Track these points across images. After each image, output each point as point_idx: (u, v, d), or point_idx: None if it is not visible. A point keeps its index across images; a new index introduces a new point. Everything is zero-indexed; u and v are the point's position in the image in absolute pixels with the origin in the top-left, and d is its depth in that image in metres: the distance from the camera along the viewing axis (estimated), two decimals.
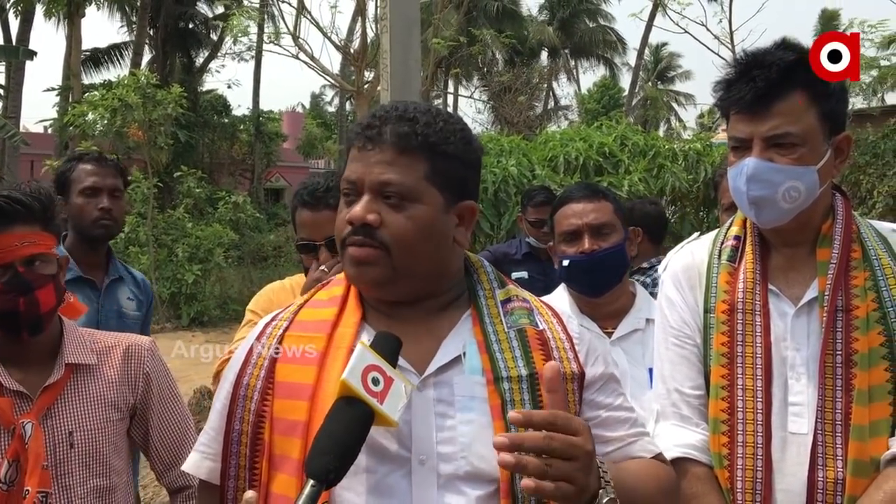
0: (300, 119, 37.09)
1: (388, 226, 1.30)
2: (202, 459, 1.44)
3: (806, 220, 1.72)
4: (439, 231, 1.34)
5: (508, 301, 1.41)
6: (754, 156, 1.67)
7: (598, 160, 8.29)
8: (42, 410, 1.88)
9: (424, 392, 1.30)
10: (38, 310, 1.87)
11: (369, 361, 1.19)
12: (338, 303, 1.41)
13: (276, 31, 19.58)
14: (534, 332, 1.37)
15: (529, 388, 1.30)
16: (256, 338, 1.43)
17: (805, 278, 1.73)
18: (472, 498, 1.25)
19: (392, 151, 1.31)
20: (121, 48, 26.62)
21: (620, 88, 38.05)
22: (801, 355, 1.69)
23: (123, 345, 2.06)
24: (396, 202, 1.30)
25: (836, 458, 1.64)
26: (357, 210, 1.30)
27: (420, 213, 1.31)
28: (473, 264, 1.46)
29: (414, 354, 1.31)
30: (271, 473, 1.31)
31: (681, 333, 1.83)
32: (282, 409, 1.32)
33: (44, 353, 1.94)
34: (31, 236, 1.86)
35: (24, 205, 1.86)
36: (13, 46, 19.64)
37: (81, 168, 2.98)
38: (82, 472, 1.91)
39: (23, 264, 1.84)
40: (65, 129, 17.83)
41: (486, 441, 1.25)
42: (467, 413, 1.29)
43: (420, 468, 1.26)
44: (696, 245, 1.91)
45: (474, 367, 1.31)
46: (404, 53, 5.84)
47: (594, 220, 2.35)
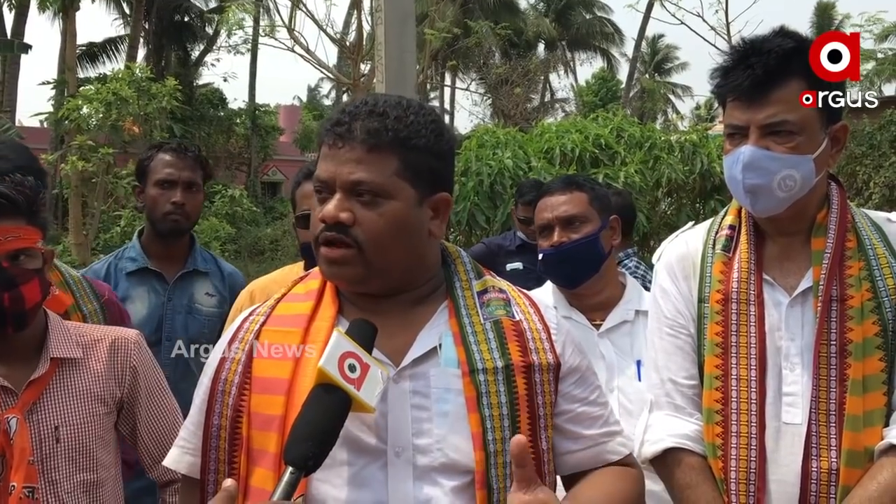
0: (297, 112, 37.01)
1: (362, 224, 1.29)
2: (182, 454, 1.44)
3: (801, 209, 1.71)
4: (413, 226, 1.33)
5: (485, 292, 1.41)
6: (751, 144, 1.66)
7: (595, 152, 8.28)
8: (27, 405, 1.86)
9: (400, 384, 1.30)
10: (23, 305, 1.84)
11: (345, 348, 1.20)
12: (314, 296, 1.40)
13: (271, 23, 19.57)
14: (510, 323, 1.36)
15: (505, 379, 1.31)
16: (234, 332, 1.42)
17: (800, 268, 1.72)
18: (448, 489, 1.26)
19: (362, 149, 1.29)
20: (116, 42, 26.52)
21: (618, 80, 38.00)
22: (795, 345, 1.69)
23: (109, 338, 2.04)
24: (369, 200, 1.29)
25: (830, 448, 1.63)
26: (329, 209, 1.30)
27: (393, 209, 1.30)
28: (451, 255, 1.45)
29: (390, 347, 1.31)
30: (249, 468, 1.31)
31: (675, 323, 1.82)
32: (258, 403, 1.32)
33: (28, 347, 1.92)
34: (16, 230, 1.82)
35: (8, 198, 1.82)
36: (8, 40, 19.56)
37: (159, 158, 2.90)
38: (69, 467, 1.89)
39: (7, 259, 1.81)
40: (60, 124, 17.78)
41: (462, 433, 1.27)
42: (443, 405, 1.29)
43: (396, 460, 1.27)
44: (690, 234, 1.90)
45: (450, 359, 1.31)
46: (399, 46, 5.83)
47: (563, 213, 2.34)
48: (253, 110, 25.54)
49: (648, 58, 40.72)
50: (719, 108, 1.82)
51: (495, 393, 1.29)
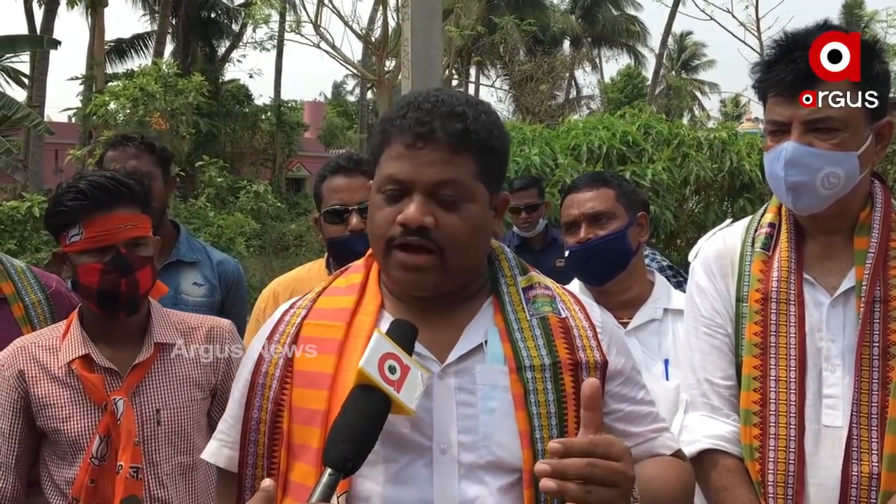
0: (322, 108, 37.19)
1: (443, 228, 1.26)
2: (220, 447, 1.43)
3: (844, 207, 1.67)
4: (487, 228, 1.33)
5: (531, 288, 1.39)
6: (793, 140, 1.62)
7: (622, 149, 8.20)
8: (132, 388, 1.94)
9: (445, 380, 1.28)
10: (137, 290, 1.93)
11: (386, 349, 1.18)
12: (356, 290, 1.39)
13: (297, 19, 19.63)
14: (556, 320, 1.34)
15: (552, 377, 1.28)
16: (274, 325, 1.41)
17: (842, 267, 1.69)
18: (494, 488, 1.24)
19: (447, 150, 1.26)
20: (144, 38, 26.79)
21: (644, 77, 37.76)
22: (836, 346, 1.65)
23: (206, 326, 2.11)
24: (451, 203, 1.27)
25: (871, 452, 1.60)
26: (413, 212, 1.25)
27: (472, 212, 1.28)
28: (494, 251, 1.44)
29: (435, 343, 1.30)
30: (290, 462, 1.29)
31: (712, 322, 1.79)
32: (301, 397, 1.30)
33: (133, 332, 2.00)
34: (133, 219, 1.92)
35: (128, 187, 1.93)
36: (37, 36, 19.80)
37: (107, 156, 2.89)
38: (168, 449, 1.97)
39: (125, 246, 1.90)
40: (88, 119, 17.96)
41: (508, 430, 1.25)
42: (489, 402, 1.27)
43: (441, 457, 1.25)
44: (728, 232, 1.87)
45: (496, 355, 1.29)
46: (426, 42, 5.82)
47: (590, 209, 2.31)
48: (278, 106, 25.65)
49: (675, 55, 40.43)
50: (745, 105, 1.77)
51: (542, 391, 1.27)
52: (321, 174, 2.52)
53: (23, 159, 19.98)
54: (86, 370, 1.92)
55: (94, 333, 1.98)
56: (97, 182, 1.89)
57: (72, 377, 1.93)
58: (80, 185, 1.89)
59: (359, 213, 2.37)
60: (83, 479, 1.87)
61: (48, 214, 1.95)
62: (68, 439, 1.91)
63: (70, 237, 1.90)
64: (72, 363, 1.93)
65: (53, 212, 1.93)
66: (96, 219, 1.88)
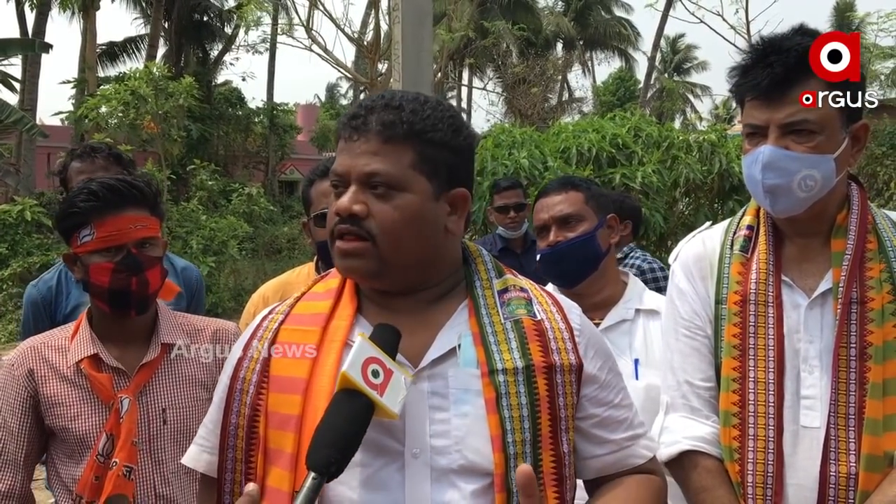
0: (315, 111, 37.11)
1: (375, 216, 1.28)
2: (200, 452, 1.44)
3: (821, 209, 1.69)
4: (428, 220, 1.32)
5: (506, 291, 1.39)
6: (770, 143, 1.63)
7: (612, 152, 8.22)
8: (139, 387, 1.98)
9: (419, 385, 1.28)
10: (147, 290, 1.98)
11: (369, 354, 1.19)
12: (333, 295, 1.39)
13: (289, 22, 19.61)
14: (531, 323, 1.34)
15: (525, 380, 1.28)
16: (253, 331, 1.42)
17: (819, 269, 1.70)
18: (466, 492, 1.24)
19: (377, 141, 1.28)
20: (136, 41, 26.71)
21: (636, 80, 37.84)
22: (814, 348, 1.66)
23: (211, 328, 2.15)
24: (383, 192, 1.28)
25: (849, 452, 1.61)
26: (343, 201, 1.29)
27: (407, 202, 1.28)
28: (472, 253, 1.44)
29: (409, 347, 1.30)
30: (266, 467, 1.29)
31: (691, 324, 1.80)
32: (276, 402, 1.31)
33: (141, 332, 2.05)
34: (143, 220, 1.97)
35: (140, 190, 1.97)
36: (29, 39, 19.71)
37: (72, 167, 2.93)
38: (173, 448, 2.00)
39: (135, 246, 1.95)
40: (80, 122, 17.91)
41: (481, 434, 1.25)
42: (462, 406, 1.27)
43: (413, 461, 1.25)
44: (707, 234, 1.88)
45: (469, 359, 1.30)
46: (416, 45, 5.82)
47: (559, 212, 2.33)
48: (271, 109, 25.61)
49: (668, 58, 40.53)
50: (736, 108, 1.80)
51: (515, 394, 1.27)
52: (309, 178, 2.52)
53: (14, 163, 19.90)
54: (94, 369, 1.96)
55: (103, 334, 2.02)
56: (108, 184, 1.95)
57: (80, 376, 1.97)
58: (91, 187, 1.94)
59: None
60: (89, 476, 1.91)
61: (60, 216, 1.99)
62: (76, 437, 1.95)
63: (82, 238, 1.95)
64: (80, 362, 1.97)
65: (66, 213, 1.97)
66: (107, 219, 1.93)
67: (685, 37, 41.93)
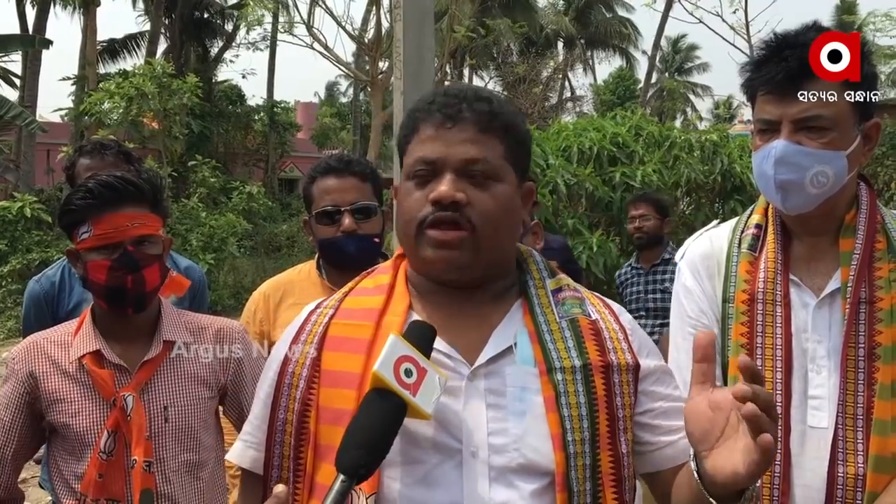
0: (314, 109, 37.11)
1: (476, 205, 1.26)
2: (245, 448, 1.42)
3: (831, 208, 1.68)
4: (517, 211, 1.33)
5: (559, 290, 1.37)
6: (783, 138, 1.62)
7: (612, 150, 8.21)
8: (140, 384, 1.97)
9: (475, 383, 1.26)
10: (144, 288, 1.96)
11: (402, 352, 1.16)
12: (385, 291, 1.38)
13: (290, 20, 19.60)
14: (587, 322, 1.33)
15: (583, 378, 1.26)
16: (301, 326, 1.40)
17: (827, 269, 1.69)
18: (526, 492, 1.21)
19: (475, 129, 1.28)
20: (137, 38, 26.71)
21: (636, 79, 37.83)
22: (822, 347, 1.65)
23: (215, 326, 2.14)
24: (481, 180, 1.28)
25: (857, 453, 1.60)
26: (444, 188, 1.26)
27: (503, 191, 1.29)
28: (523, 254, 1.43)
29: (464, 345, 1.28)
30: (316, 464, 1.27)
31: (698, 323, 1.79)
32: (328, 397, 1.28)
33: (143, 329, 2.04)
34: (141, 217, 1.96)
35: (136, 185, 1.96)
36: (29, 35, 19.70)
37: (80, 163, 2.90)
38: (175, 446, 2.00)
39: (132, 244, 1.94)
40: (80, 118, 17.90)
41: (540, 433, 1.23)
42: (519, 404, 1.25)
43: (471, 460, 1.22)
44: (715, 233, 1.87)
45: (526, 357, 1.28)
46: (418, 43, 5.80)
47: None
48: (271, 107, 25.60)
49: (669, 58, 40.53)
50: (737, 107, 1.77)
51: (574, 393, 1.25)
52: (311, 175, 2.51)
53: (14, 159, 19.90)
54: (96, 366, 1.96)
55: (106, 330, 2.02)
56: (106, 181, 1.94)
57: (82, 373, 1.97)
58: (89, 185, 1.94)
59: (351, 214, 2.36)
60: (92, 475, 1.91)
61: (60, 214, 2.00)
62: (76, 434, 1.94)
63: (80, 235, 1.95)
64: (83, 358, 1.97)
65: (64, 210, 1.98)
66: (104, 217, 1.92)
67: (687, 37, 41.96)
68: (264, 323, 2.52)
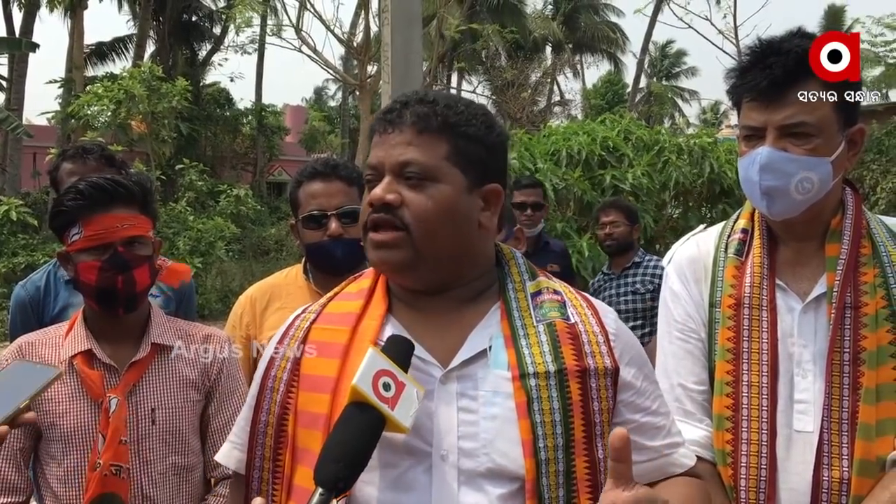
0: (303, 113, 37.05)
1: (409, 205, 1.27)
2: (231, 449, 1.45)
3: (816, 213, 1.68)
4: (462, 213, 1.31)
5: (539, 294, 1.37)
6: (768, 145, 1.63)
7: (602, 154, 8.24)
8: (128, 386, 1.98)
9: (448, 385, 1.27)
10: (134, 288, 1.98)
11: (380, 366, 1.17)
12: (364, 295, 1.39)
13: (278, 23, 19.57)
14: (564, 326, 1.32)
15: (557, 384, 1.26)
16: (285, 330, 1.42)
17: (813, 273, 1.70)
18: (494, 496, 1.22)
19: (411, 132, 1.29)
20: (125, 41, 26.59)
21: (624, 84, 37.95)
22: (808, 352, 1.66)
23: (203, 332, 2.16)
24: (416, 182, 1.28)
25: (842, 457, 1.61)
26: (376, 191, 1.28)
27: (441, 192, 1.28)
28: (505, 256, 1.43)
29: (439, 347, 1.29)
30: (294, 466, 1.29)
31: (685, 327, 1.79)
32: (305, 401, 1.31)
33: (132, 331, 2.05)
34: (131, 219, 1.97)
35: (126, 187, 1.97)
36: (16, 38, 19.59)
37: (63, 168, 2.89)
38: (162, 448, 2.00)
39: (122, 245, 1.95)
40: (67, 122, 17.81)
41: (510, 438, 1.23)
42: (491, 408, 1.25)
43: (441, 463, 1.23)
44: (701, 237, 1.87)
45: (500, 361, 1.28)
46: (405, 47, 5.81)
47: None
48: (259, 110, 25.55)
49: (657, 63, 40.70)
50: (725, 112, 1.79)
51: (547, 398, 1.25)
52: (297, 179, 2.51)
53: (0, 162, 19.78)
54: (86, 366, 1.97)
55: (97, 331, 2.03)
56: (96, 183, 1.95)
57: (72, 374, 1.97)
58: (79, 186, 1.95)
59: (337, 218, 2.36)
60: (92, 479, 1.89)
61: (50, 215, 2.02)
62: (63, 434, 1.94)
63: (71, 236, 1.96)
64: (74, 358, 1.97)
65: (55, 212, 1.99)
66: (94, 218, 1.93)
67: (675, 43, 42.16)
68: (251, 327, 2.51)
